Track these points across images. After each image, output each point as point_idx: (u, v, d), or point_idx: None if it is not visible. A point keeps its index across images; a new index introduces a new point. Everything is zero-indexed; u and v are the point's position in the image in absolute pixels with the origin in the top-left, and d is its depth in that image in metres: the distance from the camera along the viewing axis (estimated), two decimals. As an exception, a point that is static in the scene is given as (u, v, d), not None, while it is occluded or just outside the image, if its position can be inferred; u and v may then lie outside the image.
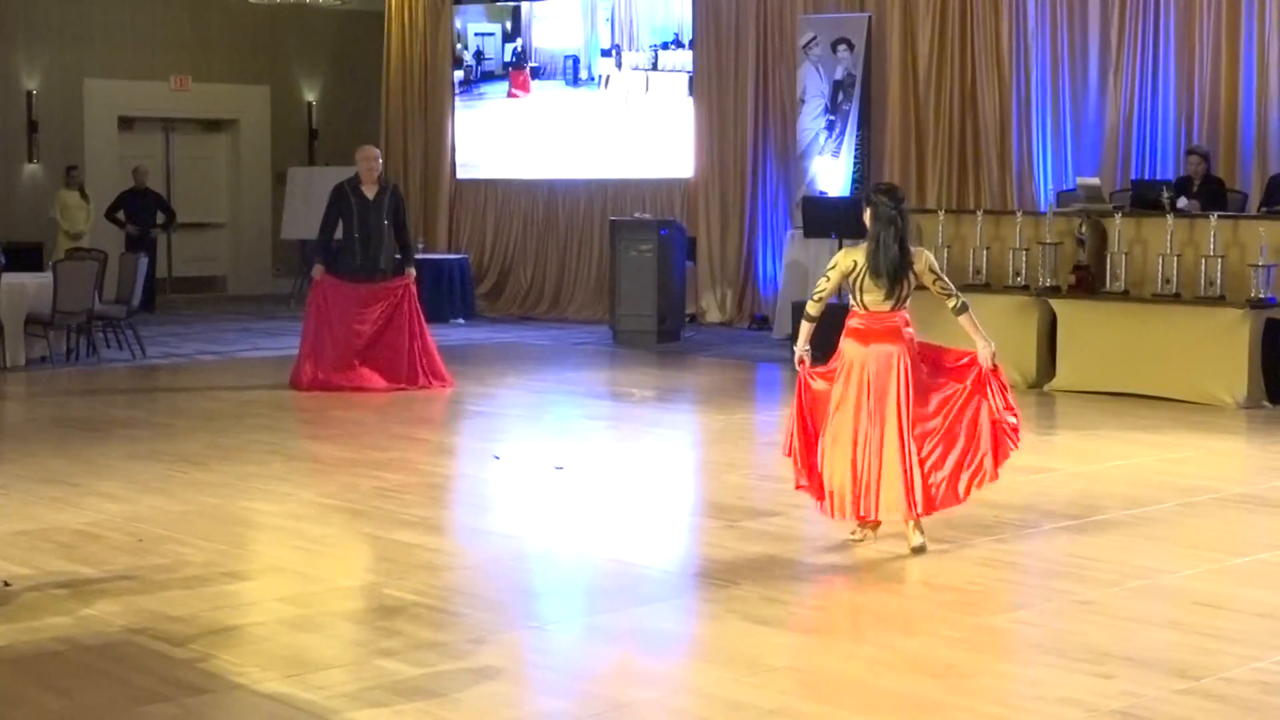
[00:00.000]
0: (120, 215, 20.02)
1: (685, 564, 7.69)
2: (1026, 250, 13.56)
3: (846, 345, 7.48)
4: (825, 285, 7.46)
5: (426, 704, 5.33)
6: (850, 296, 7.52)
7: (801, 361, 7.57)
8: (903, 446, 7.34)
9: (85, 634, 6.15)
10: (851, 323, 7.49)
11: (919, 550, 7.37)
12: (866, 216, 7.46)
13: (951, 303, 7.48)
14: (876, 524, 7.59)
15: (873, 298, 7.39)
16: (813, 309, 7.53)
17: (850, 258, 7.40)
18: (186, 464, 9.82)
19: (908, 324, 7.49)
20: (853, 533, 7.67)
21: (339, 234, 13.31)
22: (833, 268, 7.45)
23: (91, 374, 14.53)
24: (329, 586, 6.97)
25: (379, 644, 6.04)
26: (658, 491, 9.52)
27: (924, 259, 7.49)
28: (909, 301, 7.50)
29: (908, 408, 7.37)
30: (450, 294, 19.60)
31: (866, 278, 7.35)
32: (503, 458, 10.19)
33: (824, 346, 7.65)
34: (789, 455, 7.68)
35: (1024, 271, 13.58)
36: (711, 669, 5.83)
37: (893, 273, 7.34)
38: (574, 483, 9.47)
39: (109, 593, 6.75)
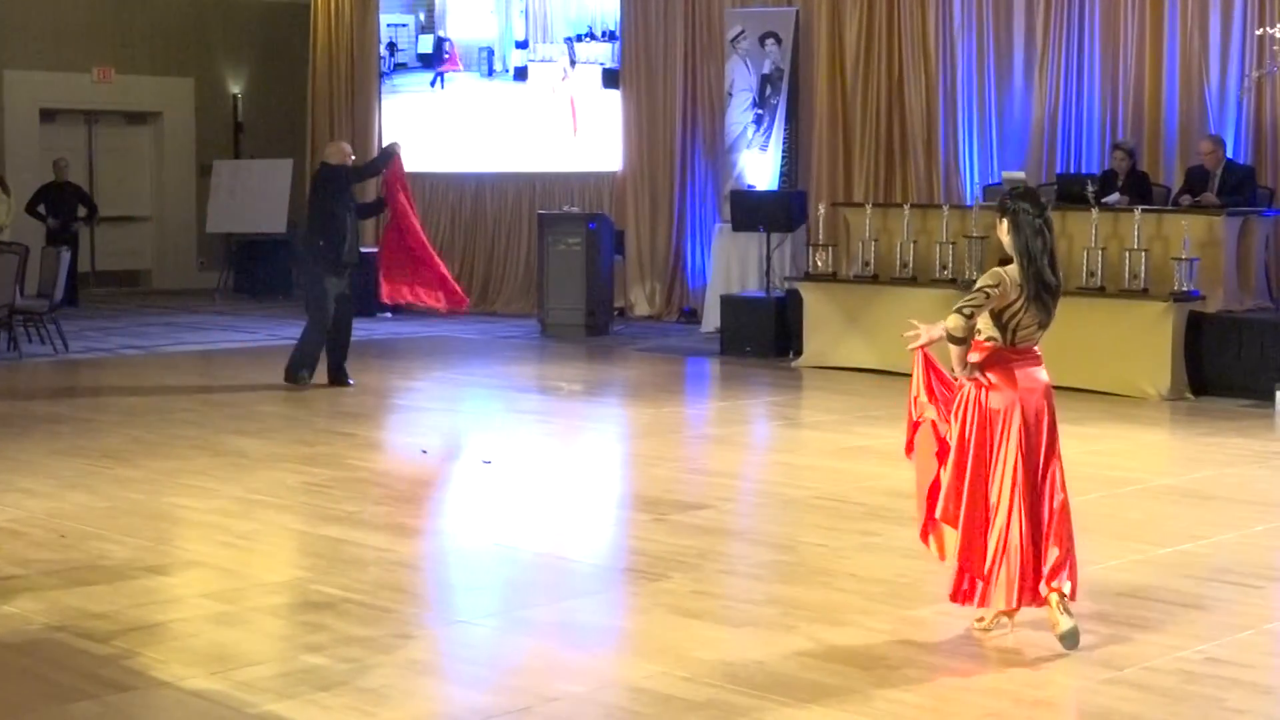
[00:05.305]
0: (41, 209, 19.79)
1: (613, 558, 7.69)
2: (953, 243, 13.64)
3: (984, 393, 5.99)
4: (984, 304, 5.83)
5: (353, 699, 5.30)
6: (984, 327, 5.99)
7: (976, 380, 5.98)
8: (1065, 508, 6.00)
9: (6, 632, 6.07)
10: (990, 360, 5.99)
11: (1070, 638, 5.83)
12: (1003, 230, 5.95)
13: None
14: (1016, 609, 6.01)
15: (1026, 329, 5.97)
16: (963, 331, 5.84)
17: (1011, 282, 5.86)
18: (110, 460, 9.72)
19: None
20: (979, 619, 6.12)
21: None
22: (995, 286, 5.81)
23: (13, 369, 14.36)
24: (255, 582, 6.92)
25: (305, 639, 5.99)
26: (586, 485, 9.51)
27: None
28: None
29: (1058, 459, 6.06)
30: (378, 288, 19.43)
31: (1024, 306, 5.90)
32: (430, 452, 10.14)
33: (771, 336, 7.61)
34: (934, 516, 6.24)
35: (950, 264, 13.66)
36: (640, 662, 5.82)
37: (1053, 297, 5.96)
38: (502, 477, 9.44)
39: (30, 589, 6.67)
